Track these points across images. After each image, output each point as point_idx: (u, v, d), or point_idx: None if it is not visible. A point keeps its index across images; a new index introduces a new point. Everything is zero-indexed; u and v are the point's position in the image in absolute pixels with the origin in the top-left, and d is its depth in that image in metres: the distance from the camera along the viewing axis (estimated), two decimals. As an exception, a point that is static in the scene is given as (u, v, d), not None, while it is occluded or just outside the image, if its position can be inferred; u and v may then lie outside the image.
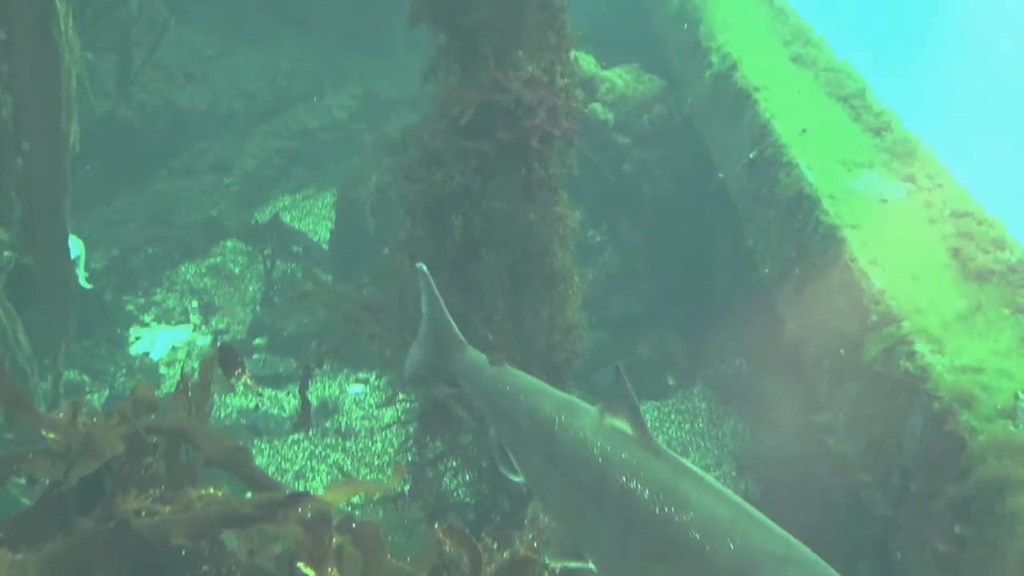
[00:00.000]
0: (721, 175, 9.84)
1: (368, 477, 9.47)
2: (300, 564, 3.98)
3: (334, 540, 4.32)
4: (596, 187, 11.25)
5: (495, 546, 4.29)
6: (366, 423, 10.28)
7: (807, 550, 3.20)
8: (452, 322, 4.72)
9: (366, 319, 6.37)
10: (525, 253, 6.46)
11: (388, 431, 9.78)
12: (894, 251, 7.15)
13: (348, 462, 9.79)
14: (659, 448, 3.54)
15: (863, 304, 6.78)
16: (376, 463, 9.80)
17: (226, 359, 4.97)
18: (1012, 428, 5.50)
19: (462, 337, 4.67)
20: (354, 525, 4.45)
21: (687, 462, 3.49)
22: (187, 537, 4.17)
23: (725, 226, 10.26)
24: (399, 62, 14.58)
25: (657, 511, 3.36)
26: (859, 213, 7.60)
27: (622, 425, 3.63)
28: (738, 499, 3.39)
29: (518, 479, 4.29)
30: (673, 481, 3.42)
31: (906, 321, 6.44)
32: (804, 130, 8.76)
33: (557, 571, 4.38)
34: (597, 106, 11.43)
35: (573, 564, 3.81)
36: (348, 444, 10.04)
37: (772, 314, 8.17)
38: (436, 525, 4.22)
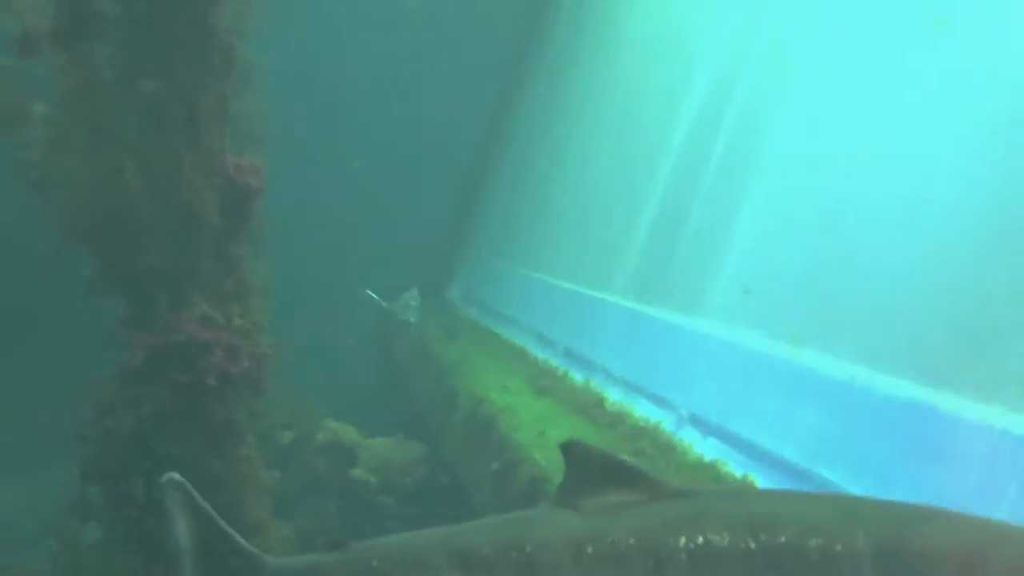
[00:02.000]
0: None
1: None
2: None
3: None
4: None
5: None
6: None
7: (928, 505, 2.81)
8: (232, 533, 3.46)
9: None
10: (214, 505, 6.04)
11: None
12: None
13: None
14: (680, 488, 2.99)
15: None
16: None
17: None
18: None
19: (252, 547, 3.42)
20: None
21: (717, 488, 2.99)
22: None
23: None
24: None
25: (745, 546, 2.71)
26: (587, 481, 7.54)
27: (611, 497, 2.99)
28: (814, 492, 2.95)
29: None
30: (737, 508, 2.85)
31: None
32: (541, 432, 8.82)
33: None
34: (358, 471, 11.32)
35: None
36: None
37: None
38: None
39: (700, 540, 2.73)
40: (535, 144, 16.09)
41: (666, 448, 8.04)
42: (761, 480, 6.97)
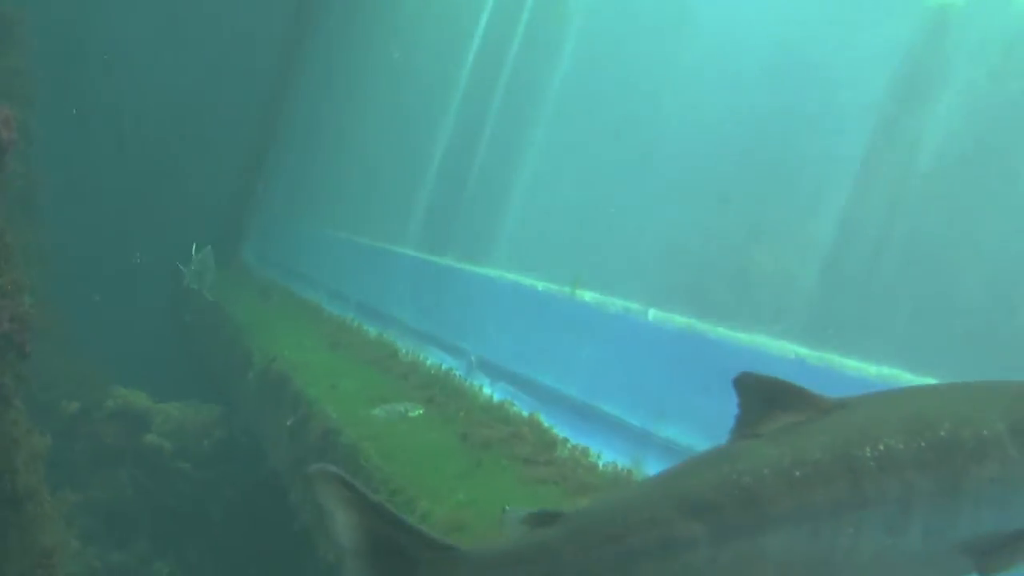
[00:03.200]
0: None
1: None
2: None
3: None
4: (158, 516, 10.63)
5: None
6: None
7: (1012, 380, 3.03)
8: (413, 524, 2.91)
9: None
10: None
11: None
12: (408, 446, 7.20)
13: None
14: (836, 400, 3.00)
15: (376, 488, 6.66)
16: None
17: None
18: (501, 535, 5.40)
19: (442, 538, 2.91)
20: None
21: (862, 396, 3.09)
22: None
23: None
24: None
25: (917, 446, 2.81)
26: (378, 429, 7.66)
27: (783, 419, 2.94)
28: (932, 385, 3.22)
29: None
30: (892, 412, 2.95)
31: (411, 487, 6.38)
32: (334, 385, 8.88)
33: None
34: (151, 436, 11.08)
35: None
36: None
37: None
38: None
39: (881, 447, 2.81)
40: (321, 103, 16.00)
41: (457, 394, 8.21)
42: (547, 418, 7.25)
